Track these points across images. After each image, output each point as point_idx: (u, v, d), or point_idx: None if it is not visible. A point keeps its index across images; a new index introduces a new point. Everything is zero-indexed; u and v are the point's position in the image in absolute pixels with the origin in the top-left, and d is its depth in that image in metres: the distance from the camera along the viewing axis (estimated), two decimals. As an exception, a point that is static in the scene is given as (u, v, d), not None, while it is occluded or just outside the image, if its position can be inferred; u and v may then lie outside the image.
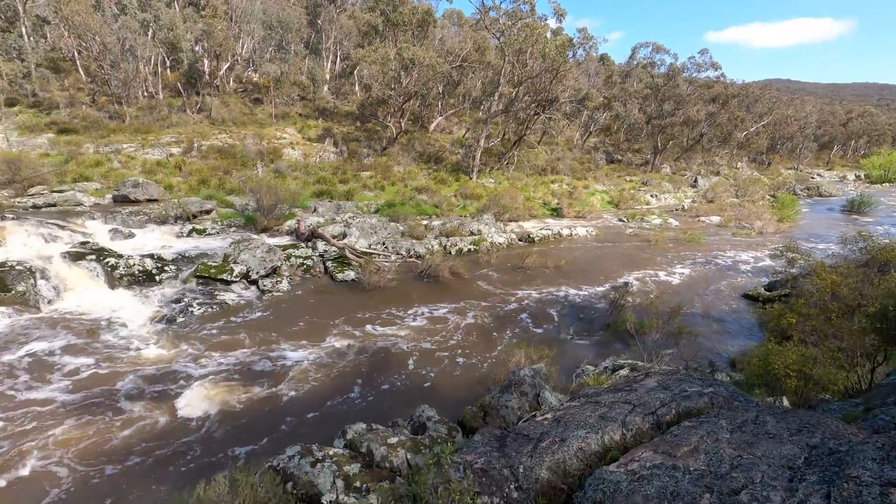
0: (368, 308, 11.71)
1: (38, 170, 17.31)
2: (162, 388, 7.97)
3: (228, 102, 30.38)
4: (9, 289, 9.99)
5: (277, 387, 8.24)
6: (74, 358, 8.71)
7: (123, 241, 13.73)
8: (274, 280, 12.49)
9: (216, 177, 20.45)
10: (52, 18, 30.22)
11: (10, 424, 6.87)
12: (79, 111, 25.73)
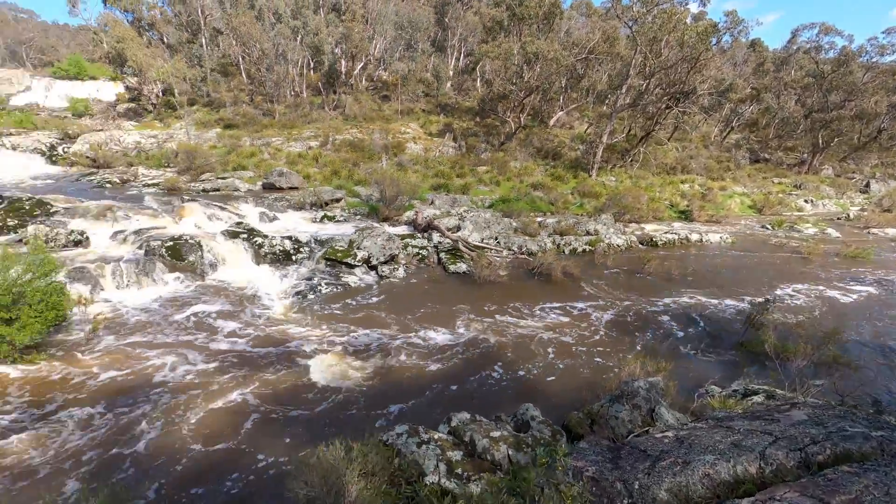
0: (478, 301, 11.86)
1: (208, 159, 20.38)
2: (295, 354, 8.93)
3: (360, 100, 32.74)
4: (183, 258, 11.95)
5: (389, 366, 8.75)
6: (226, 321, 10.13)
7: (268, 224, 15.59)
8: (391, 267, 13.24)
9: (346, 168, 22.22)
10: (224, 30, 35.21)
11: (180, 369, 8.23)
12: (240, 109, 29.71)
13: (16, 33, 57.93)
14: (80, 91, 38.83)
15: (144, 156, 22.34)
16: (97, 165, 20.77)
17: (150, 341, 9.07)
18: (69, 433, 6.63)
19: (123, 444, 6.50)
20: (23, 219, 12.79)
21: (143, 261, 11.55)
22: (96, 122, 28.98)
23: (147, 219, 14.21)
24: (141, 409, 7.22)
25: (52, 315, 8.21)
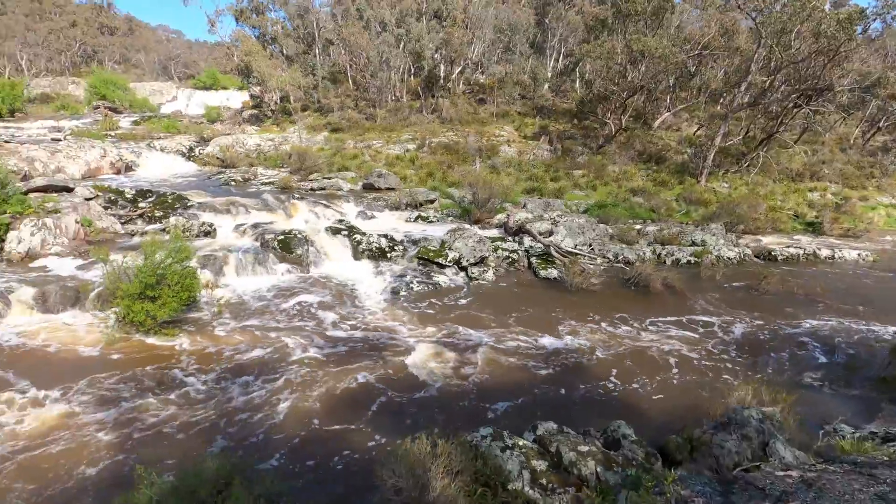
0: (569, 309, 11.51)
1: (316, 161, 22.04)
2: (388, 347, 9.34)
3: (456, 103, 33.35)
4: (291, 251, 13.04)
5: (478, 367, 8.81)
6: (326, 312, 10.87)
7: (366, 222, 16.46)
8: (481, 269, 13.32)
9: (441, 170, 22.77)
10: (335, 40, 37.83)
11: (287, 353, 9.00)
12: (346, 114, 31.72)
13: (167, 51, 67.25)
14: (214, 100, 44.07)
15: (263, 157, 24.76)
16: (225, 165, 23.42)
17: (264, 325, 10.03)
18: (196, 399, 7.55)
19: (240, 413, 7.25)
20: (166, 211, 14.80)
21: (258, 252, 12.80)
22: (225, 126, 32.69)
23: (263, 214, 15.73)
24: (255, 385, 8.00)
25: (185, 295, 9.41)
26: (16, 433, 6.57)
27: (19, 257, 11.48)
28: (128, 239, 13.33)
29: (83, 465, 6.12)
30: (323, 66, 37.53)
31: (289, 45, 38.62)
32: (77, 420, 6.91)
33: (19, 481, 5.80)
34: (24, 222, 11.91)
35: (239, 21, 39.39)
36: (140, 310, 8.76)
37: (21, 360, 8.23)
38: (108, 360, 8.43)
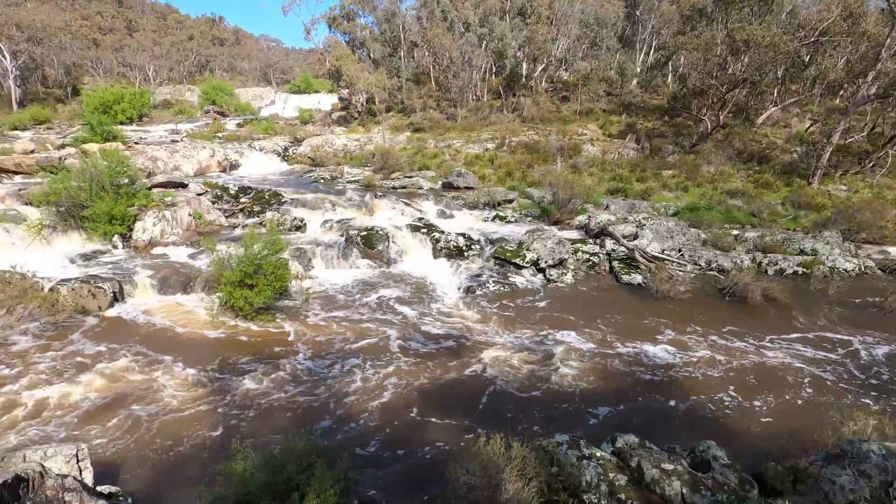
0: (654, 317, 10.87)
1: (398, 160, 22.74)
2: (464, 345, 9.43)
3: (538, 101, 32.76)
4: (373, 247, 13.57)
5: (554, 370, 8.61)
6: (405, 306, 11.19)
7: (445, 220, 16.70)
8: (560, 271, 12.98)
9: (520, 170, 22.50)
10: (419, 42, 38.76)
11: (368, 344, 9.40)
12: (427, 114, 32.39)
13: (267, 58, 72.83)
14: (306, 103, 46.99)
15: (349, 156, 26.01)
16: (315, 164, 24.93)
17: (347, 316, 10.55)
18: (284, 381, 8.12)
19: (322, 397, 7.70)
20: (263, 206, 16.06)
21: (343, 247, 13.48)
22: (316, 128, 34.77)
23: (348, 211, 16.53)
24: (336, 371, 8.45)
25: (278, 285, 10.15)
26: (137, 397, 7.48)
27: (143, 245, 13.06)
28: (230, 231, 14.64)
29: (189, 430, 6.83)
30: (407, 67, 38.62)
31: (376, 48, 40.19)
32: (184, 389, 7.73)
33: (139, 439, 6.61)
34: (148, 214, 13.51)
35: (331, 28, 41.70)
36: (240, 296, 9.60)
37: (143, 334, 9.36)
38: (211, 339, 9.34)
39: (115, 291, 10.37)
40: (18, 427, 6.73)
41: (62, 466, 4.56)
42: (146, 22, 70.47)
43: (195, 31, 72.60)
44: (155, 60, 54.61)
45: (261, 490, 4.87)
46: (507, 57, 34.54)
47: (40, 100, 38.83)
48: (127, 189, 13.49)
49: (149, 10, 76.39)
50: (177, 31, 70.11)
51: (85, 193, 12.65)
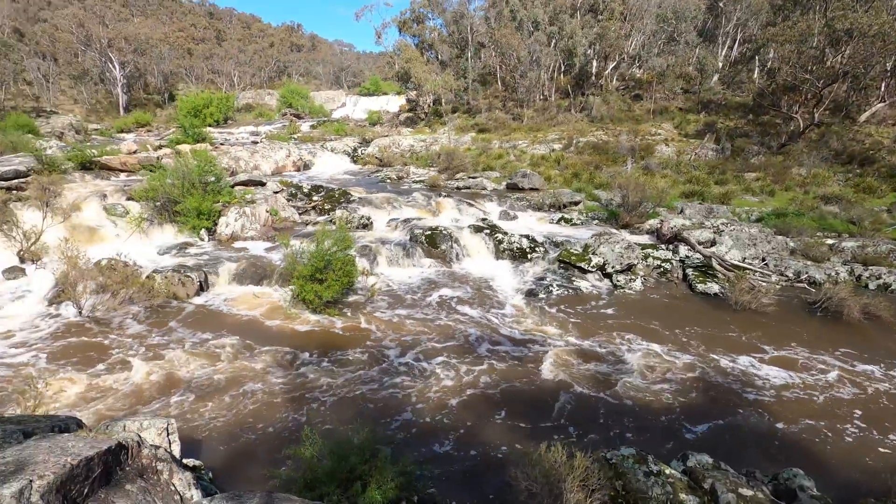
0: (732, 330, 10.14)
1: (463, 160, 22.86)
2: (526, 348, 9.30)
3: (609, 100, 31.62)
4: (437, 246, 13.74)
5: (621, 380, 8.28)
6: (466, 307, 11.22)
7: (508, 222, 16.56)
8: (628, 277, 12.45)
9: (587, 171, 21.84)
10: (487, 43, 38.73)
11: (429, 343, 9.53)
12: (493, 114, 32.29)
13: (340, 62, 75.91)
14: (375, 105, 48.46)
15: (415, 157, 26.51)
16: (382, 164, 25.65)
17: (410, 314, 10.76)
18: (349, 373, 8.43)
19: (385, 391, 7.91)
20: (333, 204, 16.75)
21: (407, 245, 13.75)
22: (384, 129, 35.76)
23: (413, 210, 16.84)
24: (400, 368, 8.64)
25: (346, 280, 10.54)
26: (215, 379, 8.08)
27: (226, 238, 14.07)
28: (303, 227, 15.41)
29: (262, 413, 7.27)
30: (474, 68, 38.71)
31: (443, 50, 40.64)
32: (258, 374, 8.23)
33: (217, 418, 7.12)
34: (231, 210, 14.54)
35: (401, 31, 42.69)
36: (310, 289, 10.07)
37: (223, 321, 10.09)
38: (284, 329, 9.88)
39: (201, 281, 11.26)
40: (117, 399, 7.49)
41: (154, 438, 5.01)
42: (233, 31, 75.90)
43: (275, 39, 77.19)
44: (239, 67, 58.67)
45: (326, 477, 5.08)
46: (577, 55, 33.64)
47: (142, 105, 42.99)
48: (213, 186, 14.60)
49: (235, 20, 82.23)
50: (259, 39, 74.90)
51: (178, 190, 13.85)
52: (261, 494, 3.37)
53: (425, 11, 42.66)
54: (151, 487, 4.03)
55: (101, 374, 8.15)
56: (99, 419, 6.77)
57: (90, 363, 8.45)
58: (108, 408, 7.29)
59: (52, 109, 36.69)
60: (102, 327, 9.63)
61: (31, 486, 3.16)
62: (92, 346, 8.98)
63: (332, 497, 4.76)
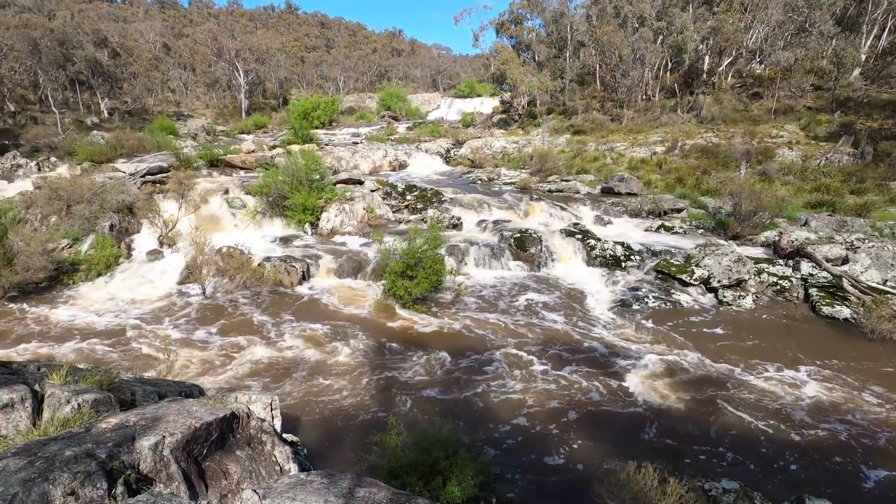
0: (865, 362, 8.81)
1: (556, 163, 22.31)
2: (615, 360, 8.86)
3: (721, 99, 29.01)
4: (525, 249, 13.56)
5: (723, 406, 7.57)
6: (552, 313, 10.94)
7: (602, 227, 15.87)
8: (737, 293, 11.33)
9: (693, 176, 20.23)
10: (587, 42, 37.43)
11: (514, 347, 9.45)
12: (590, 116, 31.13)
13: (437, 65, 77.83)
14: (469, 106, 49.01)
15: (507, 158, 26.38)
16: (473, 165, 25.86)
17: (495, 315, 10.75)
18: (434, 369, 8.61)
19: (466, 391, 7.98)
20: (425, 204, 17.22)
21: (496, 247, 13.73)
22: (477, 130, 36.03)
23: (503, 212, 16.78)
24: (483, 369, 8.67)
25: (434, 278, 10.79)
26: (319, 363, 8.68)
27: (326, 233, 15.07)
28: (396, 225, 16.04)
29: (352, 399, 7.68)
30: (572, 68, 37.62)
31: (541, 50, 39.97)
32: (350, 362, 8.71)
33: (312, 399, 7.66)
34: (332, 206, 15.55)
35: (498, 33, 42.72)
36: (401, 285, 10.46)
37: (321, 309, 10.82)
38: (375, 321, 10.36)
39: (304, 271, 12.18)
40: (228, 372, 8.36)
41: (260, 411, 5.51)
42: (340, 39, 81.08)
43: (378, 45, 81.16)
44: (345, 72, 62.54)
45: (409, 467, 5.24)
46: (687, 51, 31.29)
47: (260, 109, 47.49)
48: (318, 184, 15.71)
49: (343, 28, 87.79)
50: (363, 46, 79.25)
51: (287, 186, 15.11)
52: (351, 476, 3.56)
53: (524, 12, 42.26)
54: (257, 456, 4.43)
55: (216, 348, 9.15)
56: (213, 389, 7.60)
57: (209, 338, 9.52)
58: (221, 379, 8.16)
59: (188, 113, 41.92)
60: (221, 307, 10.81)
61: (163, 441, 3.62)
62: (211, 324, 10.11)
63: (415, 488, 4.90)
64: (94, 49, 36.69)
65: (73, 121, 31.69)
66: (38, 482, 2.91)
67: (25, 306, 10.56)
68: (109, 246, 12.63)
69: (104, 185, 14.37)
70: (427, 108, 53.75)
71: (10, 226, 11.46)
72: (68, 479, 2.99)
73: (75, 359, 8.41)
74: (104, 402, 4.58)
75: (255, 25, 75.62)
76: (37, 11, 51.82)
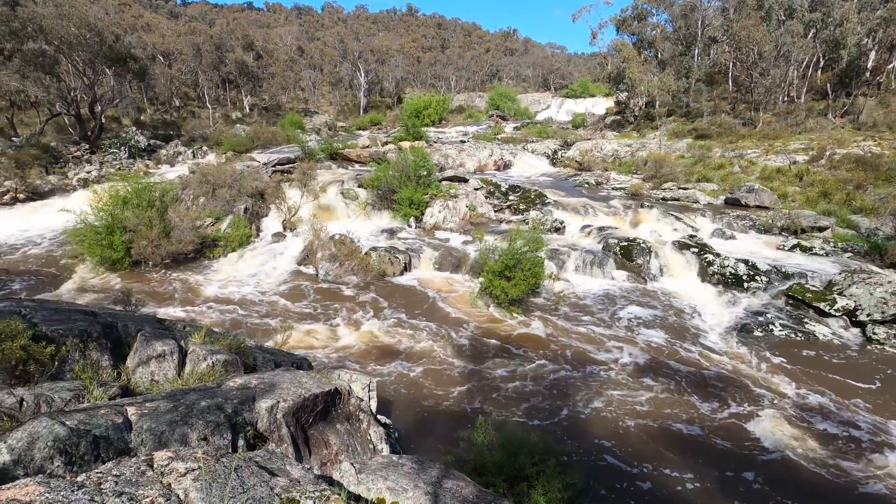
0: None
1: (673, 169, 20.69)
2: (730, 396, 8.01)
3: (889, 102, 24.69)
4: (632, 259, 12.78)
5: (865, 459, 6.49)
6: (657, 331, 10.18)
7: (723, 242, 14.39)
8: (892, 331, 9.60)
9: (843, 191, 17.48)
10: (720, 37, 34.10)
11: (612, 363, 8.99)
12: (717, 119, 28.36)
13: (550, 65, 76.22)
14: (580, 107, 47.33)
15: (618, 162, 25.04)
16: (581, 168, 24.93)
17: (594, 326, 10.29)
18: (526, 373, 8.49)
19: (558, 400, 7.75)
20: (528, 205, 16.99)
21: (599, 254, 13.13)
22: (587, 132, 34.67)
23: (609, 218, 15.98)
24: (575, 380, 8.36)
25: (532, 281, 10.62)
26: (408, 351, 9.02)
27: (429, 227, 15.55)
28: (497, 225, 16.04)
29: (443, 390, 7.86)
30: (700, 67, 34.55)
31: (665, 48, 37.29)
32: (444, 354, 8.91)
33: (404, 386, 7.97)
34: (436, 202, 15.99)
35: (619, 30, 40.64)
36: (498, 285, 10.45)
37: (420, 301, 11.21)
38: (469, 318, 10.48)
39: (406, 262, 12.71)
40: (332, 350, 9.01)
41: (359, 391, 5.87)
42: (455, 39, 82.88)
43: (491, 45, 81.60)
44: (457, 72, 63.83)
45: (494, 467, 5.23)
46: (846, 46, 27.08)
47: (376, 107, 50.33)
48: (424, 180, 16.26)
49: (459, 29, 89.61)
50: (477, 46, 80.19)
51: (396, 181, 15.84)
52: (440, 466, 3.65)
53: (649, 7, 39.67)
54: (354, 432, 4.72)
55: (323, 326, 9.91)
56: (317, 364, 8.25)
57: (318, 317, 10.35)
58: (323, 355, 8.82)
59: (314, 110, 45.80)
60: (330, 289, 11.68)
61: (277, 405, 4.01)
62: (320, 303, 10.98)
63: (499, 489, 4.88)
64: (243, 52, 41.58)
65: (221, 115, 36.30)
66: (180, 425, 3.39)
67: (176, 274, 12.34)
68: (243, 226, 14.27)
69: (242, 172, 16.27)
70: (536, 108, 52.91)
71: (170, 203, 13.46)
72: (202, 426, 3.43)
73: (209, 322, 9.64)
74: (232, 363, 5.19)
75: (378, 28, 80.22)
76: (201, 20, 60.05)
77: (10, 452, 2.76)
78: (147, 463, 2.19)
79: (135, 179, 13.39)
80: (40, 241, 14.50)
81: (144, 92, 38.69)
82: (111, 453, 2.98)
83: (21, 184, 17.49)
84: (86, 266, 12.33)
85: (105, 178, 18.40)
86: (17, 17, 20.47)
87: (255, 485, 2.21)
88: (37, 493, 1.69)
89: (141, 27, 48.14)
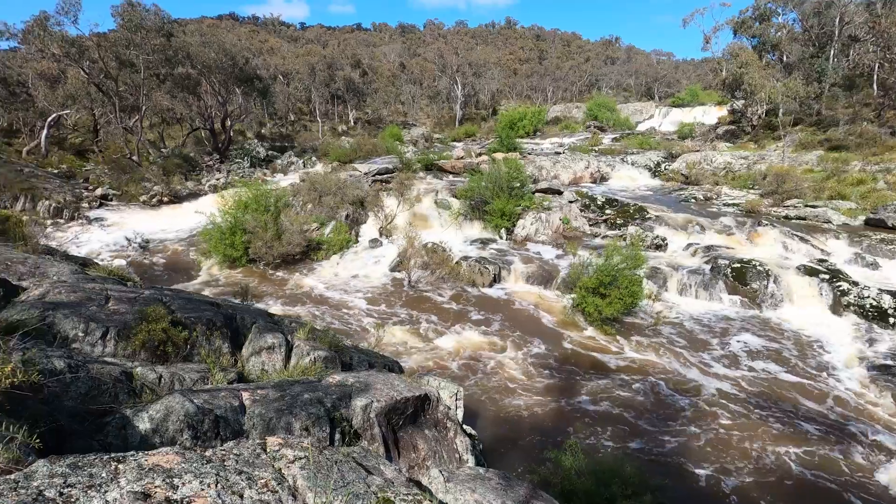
0: None
1: (799, 184, 18.44)
2: (856, 440, 6.92)
3: None
4: (745, 283, 11.56)
5: None
6: (774, 364, 9.07)
7: (862, 269, 12.49)
8: None
9: None
10: (862, 35, 29.92)
11: (712, 393, 8.18)
12: (857, 127, 24.84)
13: (654, 73, 72.16)
14: (688, 116, 44.08)
15: (731, 176, 22.87)
16: (687, 182, 23.15)
17: (697, 354, 9.45)
18: (620, 398, 8.01)
19: (654, 429, 7.20)
20: (626, 220, 16.14)
21: (706, 275, 12.05)
22: (696, 143, 32.16)
23: (720, 237, 14.61)
24: (676, 411, 7.72)
25: (629, 300, 10.02)
26: (495, 363, 8.95)
27: (520, 240, 15.39)
28: (591, 239, 15.42)
29: (529, 407, 7.67)
30: (836, 69, 30.57)
31: (793, 50, 33.57)
32: (532, 370, 8.71)
33: (490, 398, 7.90)
34: (528, 214, 15.80)
35: (737, 33, 37.44)
36: (591, 302, 10.01)
37: (509, 313, 11.10)
38: (560, 335, 10.15)
39: (496, 273, 12.67)
40: (422, 356, 9.20)
41: (447, 399, 5.92)
42: (553, 50, 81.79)
43: (591, 54, 79.30)
44: (554, 83, 62.89)
45: (584, 495, 4.97)
46: None
47: (471, 119, 51.14)
48: (517, 191, 16.15)
49: (558, 39, 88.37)
50: (576, 55, 78.40)
51: (489, 192, 15.91)
52: (528, 486, 3.54)
53: (773, 6, 36.01)
54: (441, 439, 4.77)
55: (413, 331, 10.18)
56: (408, 368, 8.48)
57: (409, 323, 10.66)
58: (413, 360, 9.04)
59: (412, 122, 47.73)
60: (421, 296, 12.00)
61: (371, 405, 4.17)
62: (412, 308, 11.31)
63: (587, 518, 4.63)
64: (351, 70, 44.68)
65: (329, 128, 39.23)
66: (286, 414, 3.66)
67: (284, 274, 13.47)
68: (344, 232, 15.20)
69: (345, 181, 17.39)
70: (638, 118, 50.25)
71: (282, 209, 14.76)
72: (305, 417, 3.68)
73: (310, 320, 10.36)
74: (331, 360, 5.51)
75: (476, 42, 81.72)
76: (316, 42, 65.56)
77: (150, 422, 3.18)
78: (261, 447, 2.39)
79: (254, 186, 14.91)
80: (177, 238, 16.66)
81: (265, 108, 43.12)
82: (228, 433, 3.31)
83: (165, 188, 20.29)
84: (211, 262, 13.91)
85: (230, 184, 20.74)
86: (171, 46, 23.93)
87: (353, 480, 2.31)
88: (175, 461, 1.92)
89: (266, 51, 53.83)
